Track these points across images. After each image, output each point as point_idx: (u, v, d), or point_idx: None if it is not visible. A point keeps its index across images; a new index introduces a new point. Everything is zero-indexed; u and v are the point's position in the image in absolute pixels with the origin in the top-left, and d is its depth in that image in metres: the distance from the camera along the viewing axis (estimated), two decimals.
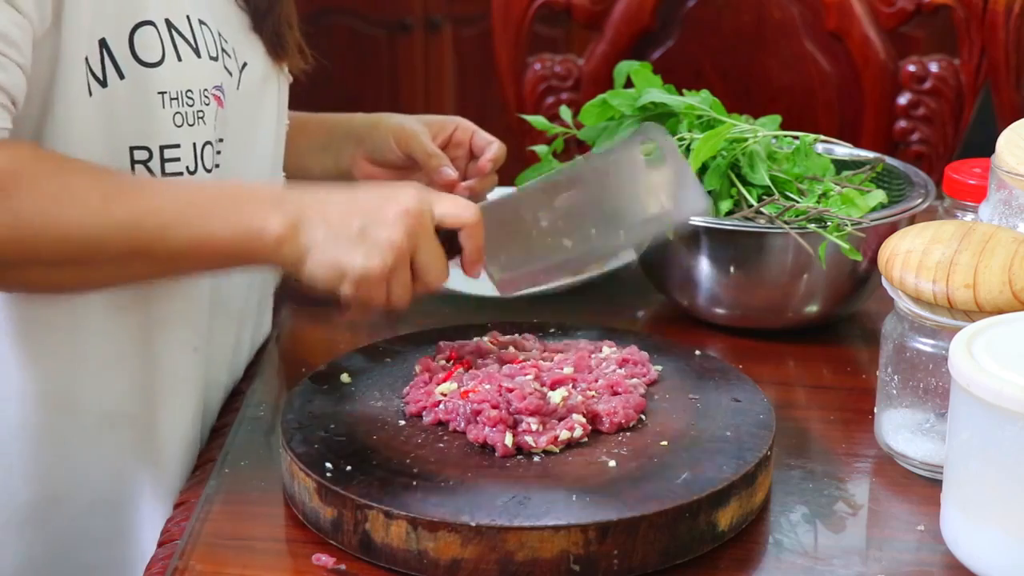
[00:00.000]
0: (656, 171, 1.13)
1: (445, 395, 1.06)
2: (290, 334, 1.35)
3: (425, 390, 1.08)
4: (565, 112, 1.43)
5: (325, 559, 0.97)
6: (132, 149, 1.08)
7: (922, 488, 1.07)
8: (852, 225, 1.25)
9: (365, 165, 1.37)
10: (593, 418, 1.04)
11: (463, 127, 1.39)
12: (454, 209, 1.05)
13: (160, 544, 1.02)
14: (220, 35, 1.14)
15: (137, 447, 1.14)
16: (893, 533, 1.03)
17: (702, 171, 1.30)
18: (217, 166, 1.14)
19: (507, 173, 1.49)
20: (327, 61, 1.44)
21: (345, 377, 1.12)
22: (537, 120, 1.45)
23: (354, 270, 1.01)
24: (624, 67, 1.42)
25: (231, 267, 1.08)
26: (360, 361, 1.15)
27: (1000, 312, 1.02)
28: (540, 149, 1.43)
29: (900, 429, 1.10)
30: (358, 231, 1.01)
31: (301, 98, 1.45)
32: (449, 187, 1.31)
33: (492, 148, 1.35)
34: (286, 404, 1.08)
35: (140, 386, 1.14)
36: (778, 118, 1.41)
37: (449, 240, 1.06)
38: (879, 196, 1.31)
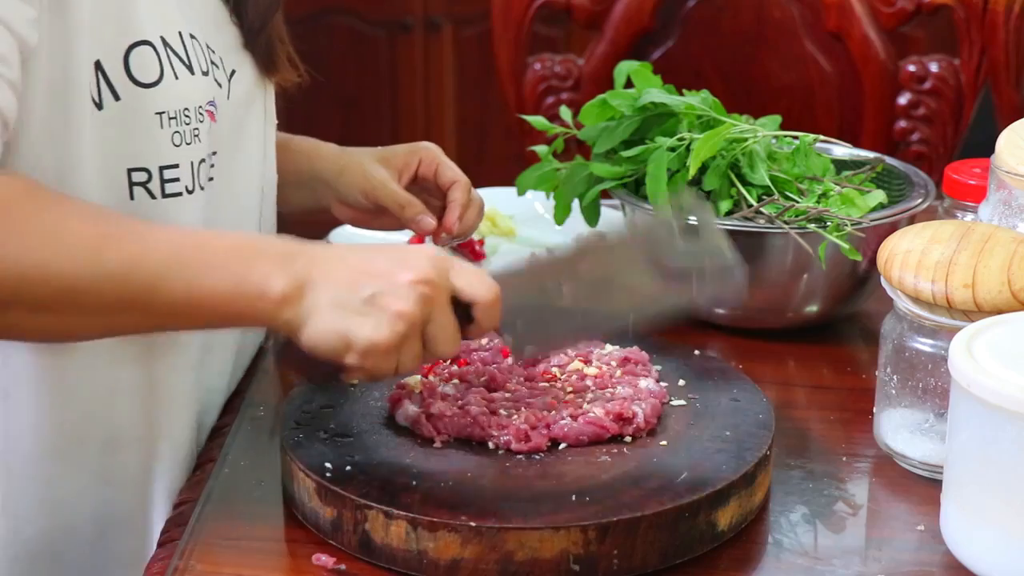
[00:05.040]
0: (691, 250, 1.06)
1: (405, 387, 1.07)
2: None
3: (397, 384, 1.08)
4: (565, 112, 1.43)
5: (325, 559, 0.97)
6: (130, 171, 1.05)
7: (922, 488, 1.07)
8: (852, 225, 1.25)
9: (341, 207, 1.32)
10: (620, 418, 1.04)
11: (427, 160, 1.31)
12: (472, 285, 0.98)
13: (160, 544, 1.02)
14: (208, 47, 1.12)
15: (141, 470, 1.13)
16: (893, 533, 1.03)
17: (702, 171, 1.30)
18: (211, 179, 1.12)
19: (507, 173, 1.49)
20: (327, 61, 1.44)
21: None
22: (537, 120, 1.45)
23: (360, 341, 0.94)
24: (624, 67, 1.42)
25: (228, 325, 1.02)
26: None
27: (999, 312, 1.02)
28: (540, 149, 1.43)
29: (899, 429, 1.10)
30: (368, 298, 0.94)
31: (301, 98, 1.45)
32: (428, 233, 1.27)
33: (456, 195, 1.29)
34: (286, 404, 1.08)
35: (142, 411, 1.12)
36: (778, 118, 1.42)
37: (463, 307, 0.99)
38: (879, 196, 1.31)
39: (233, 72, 1.17)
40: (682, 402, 1.09)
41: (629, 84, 1.41)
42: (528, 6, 2.00)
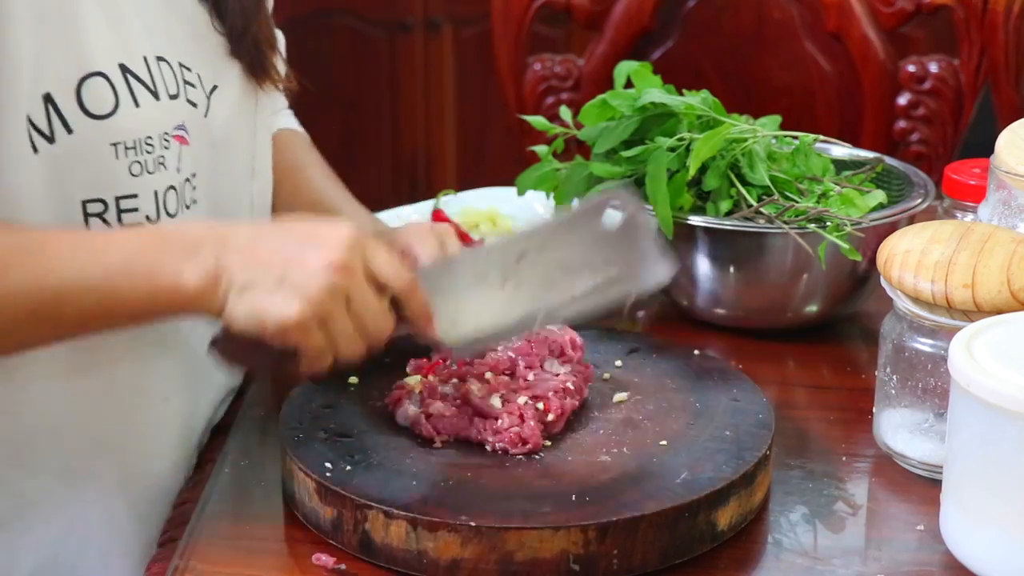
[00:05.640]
0: (619, 239, 1.06)
1: (404, 387, 1.07)
2: None
3: (397, 384, 1.08)
4: (565, 112, 1.43)
5: (325, 559, 0.97)
6: (85, 203, 1.03)
7: (921, 488, 1.07)
8: (852, 225, 1.25)
9: None
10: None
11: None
12: (384, 270, 0.98)
13: (160, 544, 1.02)
14: (182, 66, 1.10)
15: (123, 493, 1.12)
16: (892, 533, 1.03)
17: (702, 171, 1.30)
18: (195, 201, 1.10)
19: (507, 173, 1.49)
20: (327, 61, 1.44)
21: (353, 379, 1.12)
22: (537, 120, 1.45)
23: (272, 318, 0.94)
24: (624, 67, 1.42)
25: (150, 320, 1.02)
26: (360, 361, 1.15)
27: (998, 312, 1.02)
28: (540, 149, 1.43)
29: (899, 429, 1.10)
30: (278, 277, 0.94)
31: (301, 98, 1.45)
32: None
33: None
34: (286, 404, 1.08)
35: (119, 443, 1.11)
36: (778, 118, 1.41)
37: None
38: (879, 196, 1.31)
39: (215, 88, 1.14)
40: (623, 396, 1.10)
41: (629, 84, 1.41)
42: (528, 6, 2.00)
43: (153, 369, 1.12)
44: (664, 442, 1.03)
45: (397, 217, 1.62)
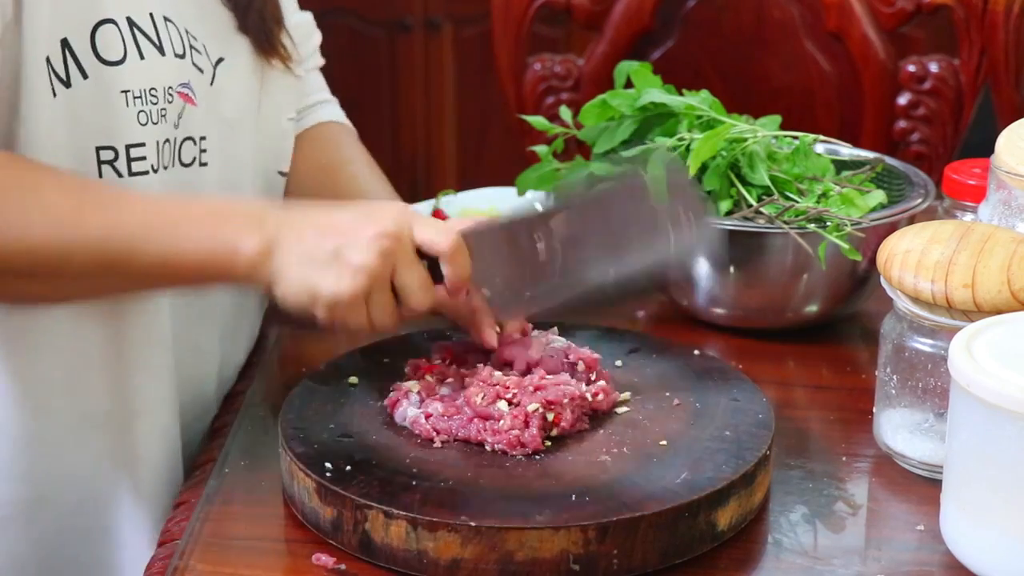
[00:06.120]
0: (663, 204, 1.09)
1: (401, 388, 1.07)
2: (290, 334, 1.35)
3: (394, 386, 1.08)
4: (565, 112, 1.43)
5: (325, 559, 0.97)
6: (98, 149, 1.07)
7: (921, 488, 1.07)
8: (852, 225, 1.25)
9: None
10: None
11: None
12: (432, 236, 1.02)
13: (160, 544, 1.02)
14: (188, 32, 1.14)
15: (117, 446, 1.15)
16: (892, 533, 1.03)
17: (702, 171, 1.30)
18: (206, 164, 1.14)
19: (507, 173, 1.49)
20: (327, 61, 1.44)
21: (353, 379, 1.12)
22: (537, 120, 1.45)
23: (324, 293, 0.99)
24: (624, 67, 1.42)
25: (205, 284, 1.07)
26: (360, 361, 1.15)
27: (998, 312, 1.02)
28: (540, 149, 1.43)
29: (899, 429, 1.10)
30: (331, 253, 0.99)
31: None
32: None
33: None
34: (286, 404, 1.08)
35: (113, 387, 1.13)
36: (778, 118, 1.41)
37: (436, 264, 1.04)
38: (879, 196, 1.31)
39: (220, 60, 1.17)
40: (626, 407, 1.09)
41: (629, 84, 1.41)
42: (528, 6, 2.00)
43: (150, 320, 1.15)
44: (664, 442, 1.03)
45: None
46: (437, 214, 1.60)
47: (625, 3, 2.00)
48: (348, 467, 0.99)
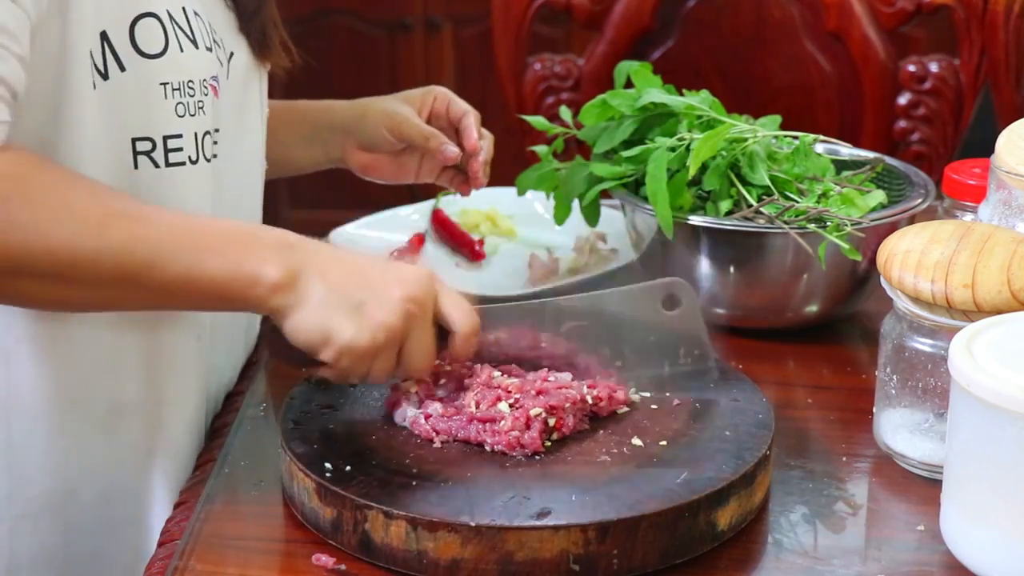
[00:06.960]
0: (673, 326, 1.13)
1: (399, 388, 1.07)
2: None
3: (392, 386, 1.08)
4: (565, 112, 1.43)
5: (325, 559, 0.97)
6: (135, 140, 1.08)
7: (921, 488, 1.07)
8: (852, 225, 1.25)
9: (358, 153, 1.40)
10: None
11: (440, 97, 1.40)
12: (453, 313, 1.03)
13: (160, 544, 1.02)
14: (211, 26, 1.15)
15: (146, 437, 1.15)
16: (892, 533, 1.03)
17: (702, 171, 1.30)
18: (215, 156, 1.15)
19: (507, 173, 1.49)
20: (327, 61, 1.44)
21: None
22: (537, 120, 1.45)
23: (339, 340, 0.99)
24: (624, 67, 1.42)
25: (221, 308, 1.05)
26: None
27: (998, 312, 1.02)
28: (540, 149, 1.43)
29: (899, 429, 1.10)
30: (355, 303, 0.99)
31: (300, 97, 1.45)
32: (454, 161, 1.35)
33: (468, 121, 1.38)
34: (286, 404, 1.09)
35: (146, 377, 1.14)
36: (778, 118, 1.42)
37: (444, 330, 1.04)
38: (879, 196, 1.31)
39: (232, 54, 1.20)
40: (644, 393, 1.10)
41: (629, 84, 1.41)
42: (528, 6, 2.00)
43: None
44: (664, 442, 1.03)
45: (397, 217, 1.62)
46: (437, 214, 1.60)
47: (625, 3, 2.00)
48: (348, 467, 0.99)
